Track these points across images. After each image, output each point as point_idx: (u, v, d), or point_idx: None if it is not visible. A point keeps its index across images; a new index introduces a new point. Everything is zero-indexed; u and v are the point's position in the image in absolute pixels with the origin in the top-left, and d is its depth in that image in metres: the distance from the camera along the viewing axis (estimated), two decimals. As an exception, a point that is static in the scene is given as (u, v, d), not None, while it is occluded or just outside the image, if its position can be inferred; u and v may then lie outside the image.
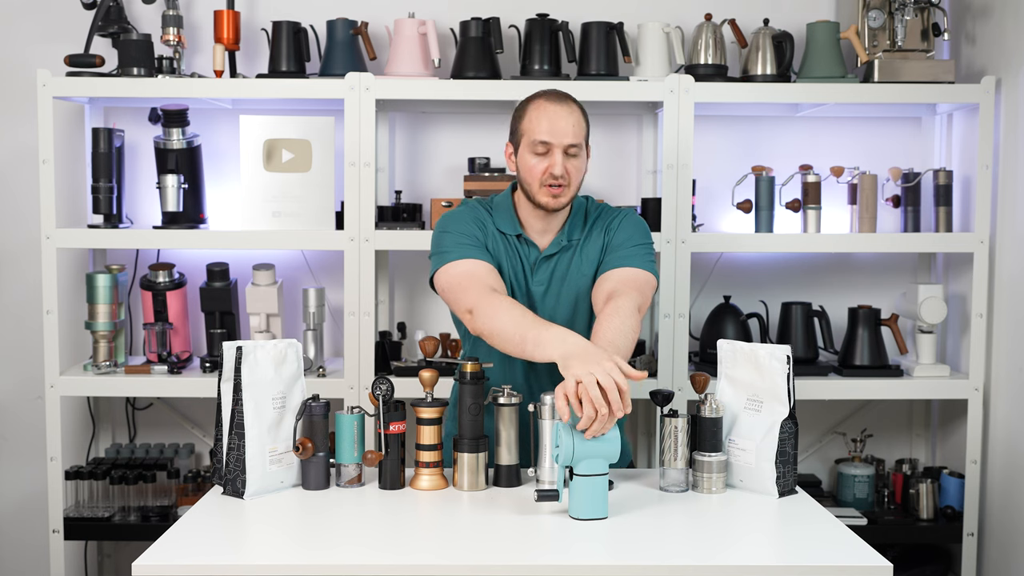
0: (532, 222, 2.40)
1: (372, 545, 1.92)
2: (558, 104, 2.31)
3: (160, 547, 1.88)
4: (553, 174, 2.28)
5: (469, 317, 2.24)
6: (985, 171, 3.13)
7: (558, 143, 2.28)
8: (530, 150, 2.31)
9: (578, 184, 2.34)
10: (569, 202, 2.36)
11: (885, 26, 3.20)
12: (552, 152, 2.29)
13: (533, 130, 2.30)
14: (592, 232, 2.43)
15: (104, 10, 3.18)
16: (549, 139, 2.28)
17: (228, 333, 3.24)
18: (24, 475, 3.44)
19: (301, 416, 2.20)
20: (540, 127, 2.29)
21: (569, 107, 2.32)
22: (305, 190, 3.12)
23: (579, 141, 2.30)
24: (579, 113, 2.34)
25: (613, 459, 2.02)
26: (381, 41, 3.36)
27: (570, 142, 2.29)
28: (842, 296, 3.46)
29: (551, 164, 2.28)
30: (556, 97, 2.33)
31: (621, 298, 2.23)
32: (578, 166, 2.32)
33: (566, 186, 2.31)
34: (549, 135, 2.28)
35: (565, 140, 2.28)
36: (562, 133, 2.28)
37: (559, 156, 2.28)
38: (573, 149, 2.30)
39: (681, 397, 3.05)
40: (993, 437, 3.17)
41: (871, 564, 1.84)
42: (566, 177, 2.30)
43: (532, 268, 2.40)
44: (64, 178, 3.27)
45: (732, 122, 3.47)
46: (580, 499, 2.02)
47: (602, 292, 2.31)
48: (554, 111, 2.30)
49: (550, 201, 2.31)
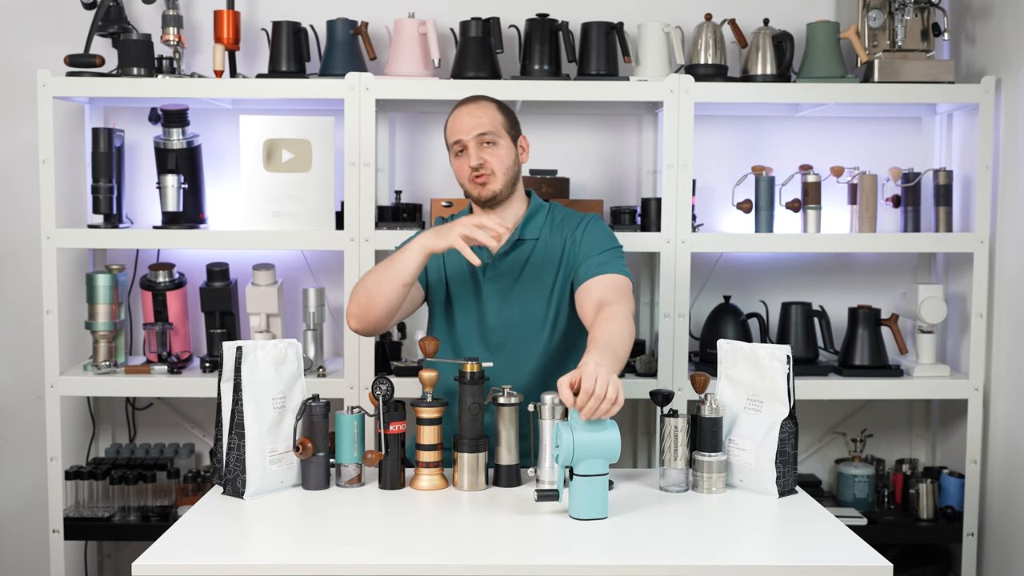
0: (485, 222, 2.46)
1: (372, 545, 1.92)
2: (465, 105, 2.49)
3: (160, 547, 1.88)
4: (471, 166, 2.42)
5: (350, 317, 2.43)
6: (985, 171, 3.13)
7: (469, 137, 2.43)
8: (453, 154, 2.48)
9: (504, 171, 2.45)
10: (503, 189, 2.45)
11: (885, 26, 3.20)
12: (467, 148, 2.43)
13: (450, 135, 2.48)
14: (553, 233, 2.49)
15: (104, 10, 3.18)
16: (460, 136, 2.44)
17: (228, 333, 3.24)
18: (24, 475, 3.44)
19: (301, 416, 2.20)
20: (454, 128, 2.47)
21: (477, 104, 2.48)
22: (305, 190, 3.12)
23: (491, 130, 2.43)
24: (490, 106, 2.48)
25: (613, 459, 2.02)
26: (381, 41, 3.36)
27: (479, 131, 2.42)
28: (842, 296, 3.46)
29: (468, 158, 2.43)
30: (466, 100, 2.51)
31: (614, 305, 2.28)
32: (499, 154, 2.44)
33: (490, 174, 2.43)
34: (459, 132, 2.45)
35: (474, 131, 2.43)
36: (470, 127, 2.43)
37: (473, 148, 2.43)
38: (487, 137, 2.43)
39: (681, 397, 3.05)
40: (993, 437, 3.17)
41: (871, 564, 1.84)
42: (486, 166, 2.43)
43: (484, 269, 2.47)
44: (64, 178, 3.27)
45: (732, 122, 3.47)
46: (580, 499, 2.02)
47: (590, 301, 2.34)
48: (462, 111, 2.47)
49: (480, 191, 2.45)
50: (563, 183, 3.23)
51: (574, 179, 3.40)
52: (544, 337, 2.46)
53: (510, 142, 2.47)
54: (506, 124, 2.47)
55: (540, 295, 2.46)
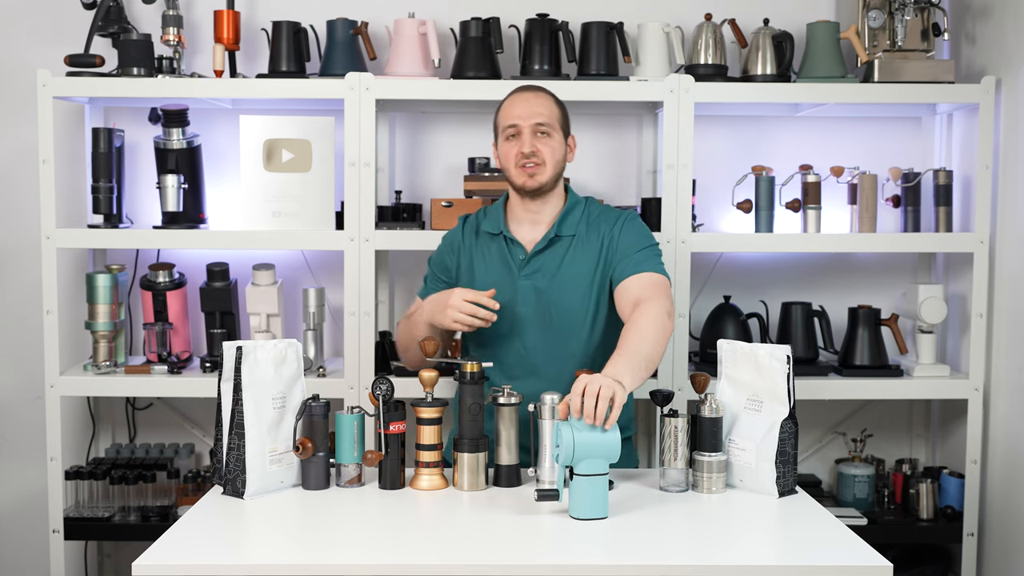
0: (521, 215, 2.51)
1: (372, 545, 1.92)
2: (525, 91, 2.48)
3: (160, 547, 1.88)
4: (523, 152, 2.41)
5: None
6: (985, 171, 3.13)
7: (525, 124, 2.43)
8: (504, 137, 2.45)
9: (555, 164, 2.45)
10: (549, 183, 2.45)
11: (885, 26, 3.20)
12: (522, 133, 2.42)
13: (504, 118, 2.46)
14: (590, 230, 2.47)
15: (104, 10, 3.18)
16: (516, 121, 2.44)
17: (228, 333, 3.24)
18: (24, 475, 3.44)
19: (301, 416, 2.20)
20: (509, 113, 2.46)
21: (536, 93, 2.48)
22: (305, 190, 3.12)
23: (548, 121, 2.43)
24: (549, 99, 2.48)
25: (613, 459, 2.02)
26: (381, 41, 3.36)
27: (537, 121, 2.42)
28: (842, 296, 3.46)
29: (521, 144, 2.41)
30: (525, 87, 2.51)
31: (647, 303, 2.29)
32: (552, 146, 2.44)
33: (540, 164, 2.42)
34: (516, 118, 2.44)
35: (532, 120, 2.42)
36: (528, 115, 2.42)
37: (527, 135, 2.41)
38: (542, 128, 2.42)
39: (681, 397, 3.05)
40: (993, 437, 3.17)
41: (871, 564, 1.84)
42: (538, 155, 2.42)
43: (520, 265, 2.46)
44: (64, 178, 3.27)
45: (732, 122, 3.47)
46: (580, 499, 2.02)
47: (628, 300, 2.35)
48: (520, 97, 2.46)
49: (527, 181, 2.43)
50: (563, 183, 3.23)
51: (574, 179, 3.40)
52: (584, 333, 2.45)
53: (562, 137, 2.48)
54: (561, 119, 2.48)
55: (577, 291, 2.45)
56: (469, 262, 2.52)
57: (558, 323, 2.44)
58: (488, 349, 2.49)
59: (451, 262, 2.55)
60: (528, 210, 2.49)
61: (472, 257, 2.52)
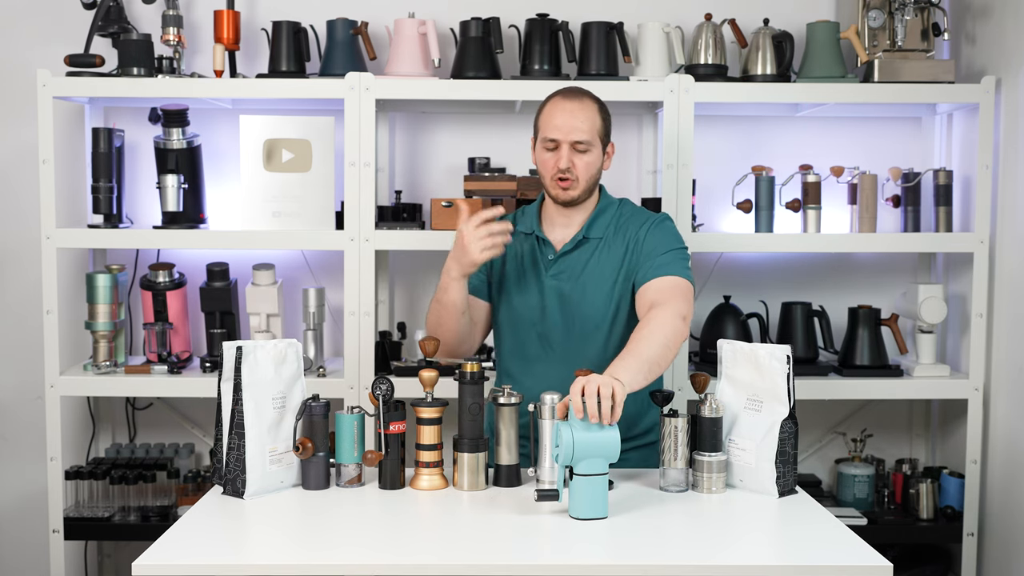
0: (554, 217, 2.51)
1: (372, 545, 1.92)
2: (570, 101, 2.42)
3: (160, 547, 1.88)
4: (559, 167, 2.39)
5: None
6: (985, 171, 3.13)
7: (565, 139, 2.39)
8: (542, 146, 2.42)
9: (588, 179, 2.43)
10: (582, 195, 2.44)
11: (885, 26, 3.20)
12: (560, 148, 2.39)
13: (545, 127, 2.41)
14: (618, 233, 2.47)
15: (104, 10, 3.18)
16: (556, 136, 2.39)
17: (228, 333, 3.24)
18: (24, 475, 3.44)
19: (301, 416, 2.20)
20: (550, 124, 2.40)
21: (581, 103, 2.42)
22: (305, 190, 3.12)
23: (588, 138, 2.39)
24: (593, 110, 2.42)
25: (613, 459, 2.02)
26: (381, 41, 3.36)
27: (576, 139, 2.38)
28: (842, 296, 3.46)
29: (558, 159, 2.39)
30: (571, 94, 2.44)
31: (661, 307, 2.28)
32: (588, 161, 2.41)
33: (574, 180, 2.41)
34: (557, 132, 2.39)
35: (571, 137, 2.38)
36: (569, 130, 2.38)
37: (565, 151, 2.39)
38: (581, 146, 2.39)
39: (681, 397, 3.05)
40: (993, 437, 3.17)
41: (871, 564, 1.84)
42: (572, 172, 2.40)
43: (547, 265, 2.47)
44: (64, 178, 3.27)
45: (732, 122, 3.47)
46: (580, 499, 2.02)
47: (645, 302, 2.35)
48: (564, 108, 2.40)
49: (560, 194, 2.43)
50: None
51: (574, 179, 3.39)
52: (602, 336, 2.45)
53: (600, 150, 2.45)
54: (602, 131, 2.44)
55: (599, 295, 2.44)
56: (503, 257, 2.50)
57: (579, 323, 2.45)
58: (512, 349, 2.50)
59: None
60: (561, 213, 2.49)
61: (507, 252, 2.49)
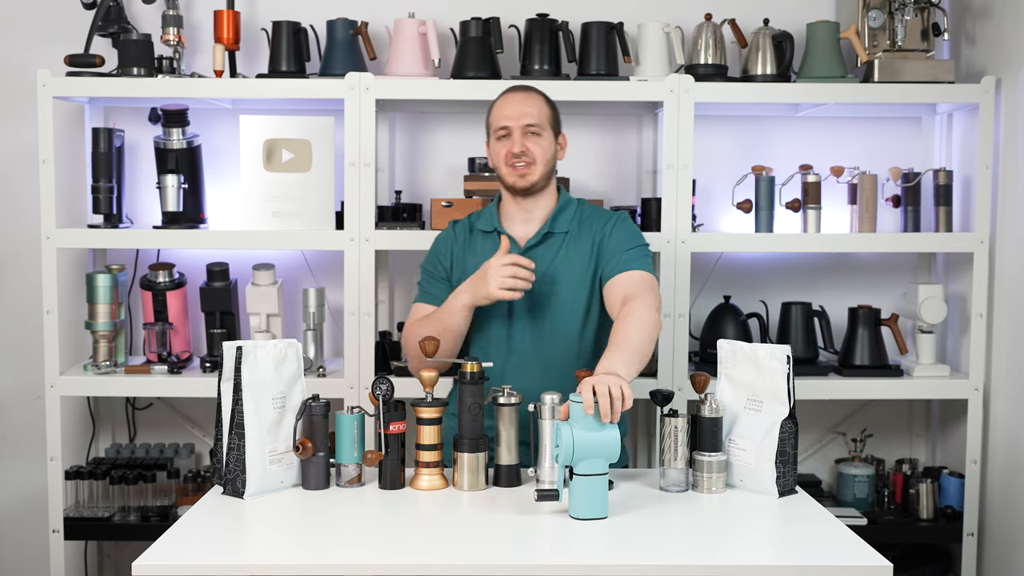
0: (514, 213, 2.54)
1: (372, 545, 1.92)
2: (516, 92, 2.52)
3: (160, 547, 1.88)
4: (512, 152, 2.44)
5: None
6: (985, 171, 3.13)
7: (515, 124, 2.46)
8: (494, 138, 2.49)
9: (545, 163, 2.48)
10: (540, 181, 2.49)
11: (885, 26, 3.20)
12: (512, 133, 2.45)
13: (495, 119, 2.50)
14: (582, 229, 2.51)
15: (104, 10, 3.18)
16: (507, 122, 2.47)
17: (228, 333, 3.24)
18: (24, 475, 3.44)
19: (301, 416, 2.20)
20: (500, 114, 2.49)
21: (526, 93, 2.51)
22: (305, 190, 3.12)
23: (538, 122, 2.47)
24: (539, 99, 2.51)
25: (613, 459, 2.02)
26: (381, 41, 3.36)
27: (527, 122, 2.46)
28: (842, 296, 3.46)
29: (511, 144, 2.45)
30: (516, 88, 2.55)
31: (636, 300, 2.32)
32: (542, 145, 2.47)
33: (531, 163, 2.46)
34: (506, 118, 2.47)
35: (522, 121, 2.46)
36: (518, 115, 2.46)
37: (517, 135, 2.46)
38: (532, 128, 2.46)
39: (681, 397, 3.05)
40: (993, 437, 3.17)
41: (871, 564, 1.84)
42: (528, 155, 2.45)
43: None
44: (64, 178, 3.27)
45: (732, 122, 3.47)
46: (580, 499, 2.02)
47: (616, 297, 2.38)
48: (511, 98, 2.50)
49: (517, 180, 2.47)
50: (563, 183, 3.23)
51: (574, 179, 3.40)
52: (575, 330, 2.47)
53: (552, 136, 2.51)
54: (551, 119, 2.51)
55: (569, 288, 2.47)
56: (463, 259, 2.53)
57: (549, 319, 2.46)
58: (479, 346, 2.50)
59: (446, 261, 2.56)
60: (521, 208, 2.52)
61: (465, 254, 2.54)
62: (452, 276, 2.55)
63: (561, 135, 2.55)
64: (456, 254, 2.55)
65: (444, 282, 2.55)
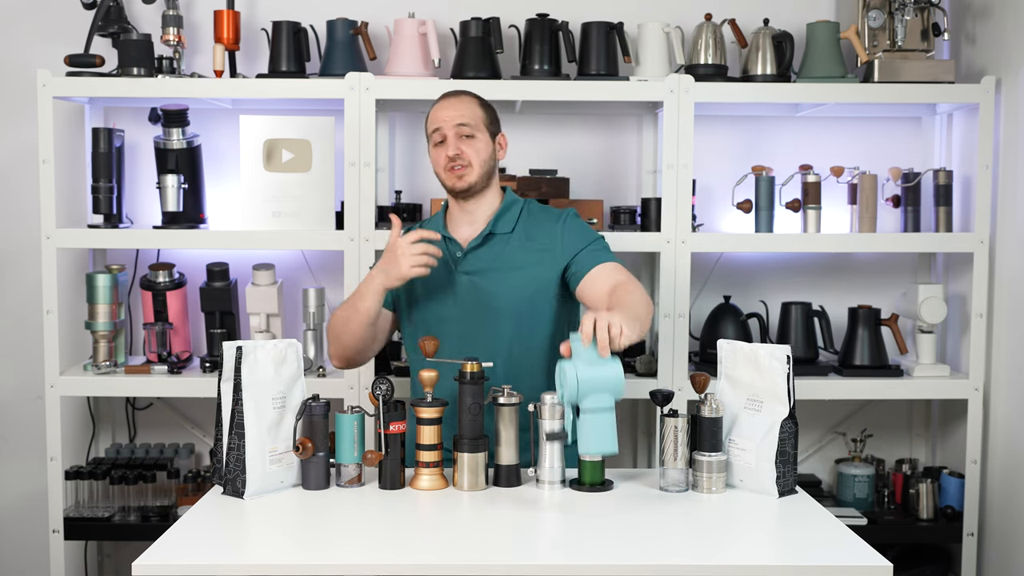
0: (458, 216, 2.56)
1: (372, 545, 1.92)
2: (449, 96, 2.55)
3: (160, 547, 1.88)
4: (448, 155, 2.47)
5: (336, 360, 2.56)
6: (985, 171, 3.13)
7: (448, 127, 2.48)
8: (432, 144, 2.52)
9: (481, 164, 2.49)
10: (478, 182, 2.50)
11: (885, 26, 3.20)
12: (447, 139, 2.48)
13: (430, 124, 2.52)
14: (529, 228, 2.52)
15: (104, 10, 3.18)
16: (440, 125, 2.49)
17: (228, 333, 3.24)
18: (24, 475, 3.44)
19: (301, 416, 2.20)
20: (433, 118, 2.52)
21: (458, 97, 2.54)
22: (305, 190, 3.12)
23: (470, 122, 2.48)
24: (472, 101, 2.53)
25: (618, 394, 2.03)
26: (381, 41, 3.36)
27: (458, 122, 2.47)
28: (842, 296, 3.46)
29: (446, 147, 2.47)
30: (449, 92, 2.57)
31: (628, 283, 2.37)
32: (476, 147, 2.49)
33: (467, 166, 2.48)
34: (439, 121, 2.49)
35: (454, 122, 2.48)
36: (450, 118, 2.48)
37: (452, 139, 2.48)
38: (465, 129, 2.48)
39: (681, 397, 3.05)
40: (993, 437, 3.17)
41: (871, 564, 1.84)
42: (463, 157, 2.47)
43: (456, 261, 2.50)
44: (64, 178, 3.27)
45: (732, 122, 3.47)
46: (588, 435, 2.03)
47: (601, 288, 2.40)
48: (444, 103, 2.52)
49: (456, 182, 2.49)
50: (563, 183, 3.23)
51: (574, 179, 3.39)
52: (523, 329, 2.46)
53: (488, 137, 2.51)
54: (486, 120, 2.52)
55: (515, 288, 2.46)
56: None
57: (493, 319, 2.47)
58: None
59: None
60: (464, 211, 2.54)
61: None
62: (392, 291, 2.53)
63: (500, 135, 2.56)
64: None
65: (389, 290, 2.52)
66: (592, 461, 2.20)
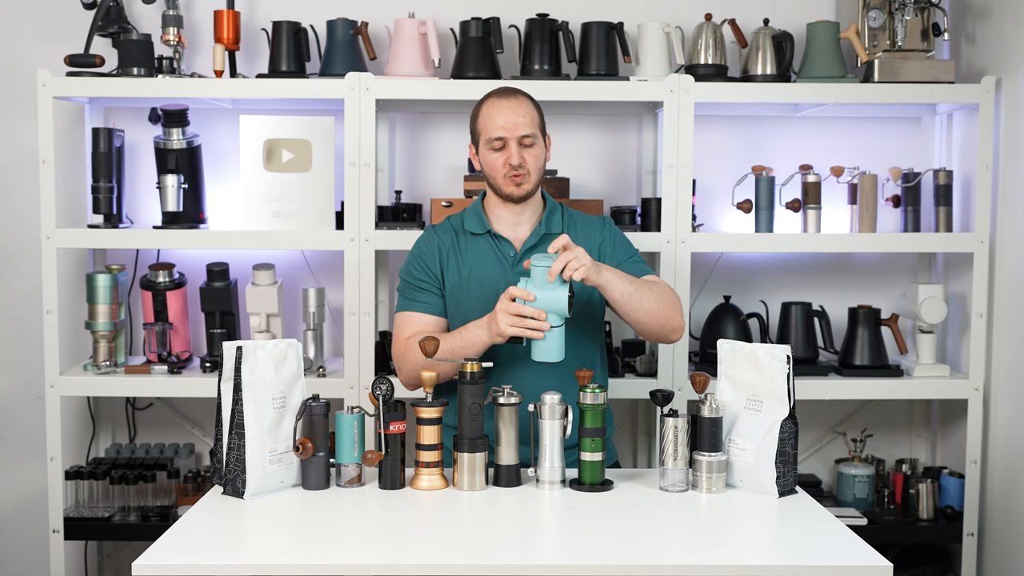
0: (504, 215, 2.55)
1: (372, 545, 1.92)
2: (507, 99, 2.48)
3: (160, 547, 1.88)
4: (511, 164, 2.44)
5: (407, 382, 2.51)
6: (985, 171, 3.13)
7: (511, 136, 2.45)
8: (488, 147, 2.48)
9: (539, 171, 2.50)
10: (534, 190, 2.50)
11: (885, 26, 3.20)
12: (508, 145, 2.44)
13: (488, 128, 2.47)
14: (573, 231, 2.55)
15: (104, 10, 3.18)
16: (503, 134, 2.45)
17: (228, 333, 3.24)
18: (24, 475, 3.44)
19: (301, 416, 2.20)
20: (493, 124, 2.46)
21: (518, 100, 2.49)
22: (305, 190, 3.12)
23: (532, 131, 2.47)
24: (529, 104, 2.50)
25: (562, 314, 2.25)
26: (381, 41, 3.36)
27: (523, 133, 2.45)
28: (842, 296, 3.46)
29: (508, 156, 2.44)
30: (505, 93, 2.51)
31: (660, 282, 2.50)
32: (535, 154, 2.48)
33: (526, 174, 2.47)
34: (501, 129, 2.45)
35: (518, 132, 2.45)
36: (514, 126, 2.45)
37: (515, 147, 2.45)
38: (527, 139, 2.46)
39: (681, 397, 3.05)
40: (993, 437, 3.17)
41: (871, 564, 1.84)
42: (524, 166, 2.46)
43: (512, 261, 2.50)
44: (64, 178, 3.27)
45: (732, 122, 3.47)
46: (539, 346, 2.27)
47: None
48: (504, 106, 2.47)
49: (515, 190, 2.48)
50: (563, 183, 3.23)
51: (574, 179, 3.40)
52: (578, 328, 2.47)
53: (543, 142, 2.52)
54: (541, 123, 2.52)
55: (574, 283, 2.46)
56: (456, 262, 2.51)
57: None
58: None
59: (435, 267, 2.51)
60: (511, 212, 2.54)
61: (459, 256, 2.52)
62: (445, 281, 2.52)
63: (547, 135, 2.56)
64: (448, 258, 2.52)
65: (433, 288, 2.51)
66: (592, 461, 2.20)
